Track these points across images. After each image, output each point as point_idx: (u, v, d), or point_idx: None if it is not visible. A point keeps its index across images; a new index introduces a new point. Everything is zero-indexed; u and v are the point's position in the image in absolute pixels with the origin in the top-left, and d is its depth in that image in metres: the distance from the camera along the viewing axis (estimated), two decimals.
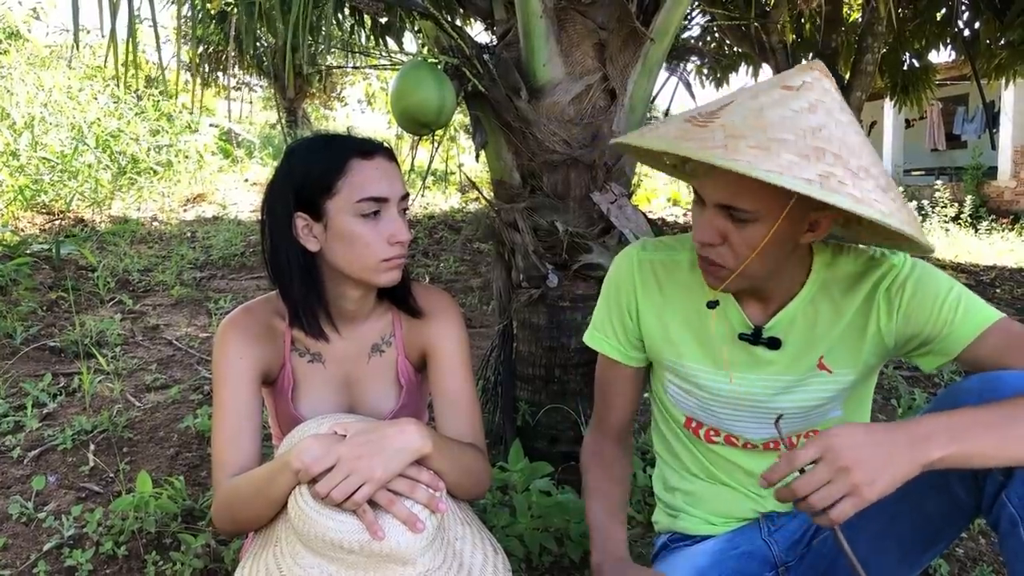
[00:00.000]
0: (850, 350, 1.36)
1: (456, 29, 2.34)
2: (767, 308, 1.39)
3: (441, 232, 7.73)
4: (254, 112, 23.32)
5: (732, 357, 1.41)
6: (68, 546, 2.00)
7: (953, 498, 1.18)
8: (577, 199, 2.34)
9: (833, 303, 1.36)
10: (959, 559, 2.04)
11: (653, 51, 2.30)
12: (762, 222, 1.18)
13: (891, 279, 1.31)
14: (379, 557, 1.15)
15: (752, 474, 1.50)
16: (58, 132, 8.20)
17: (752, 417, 1.44)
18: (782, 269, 1.32)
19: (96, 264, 5.21)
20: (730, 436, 1.48)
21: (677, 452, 1.59)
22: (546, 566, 1.94)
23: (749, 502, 1.52)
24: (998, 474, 1.10)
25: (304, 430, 1.34)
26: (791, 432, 1.45)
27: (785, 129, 1.09)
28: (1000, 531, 1.12)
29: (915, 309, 1.28)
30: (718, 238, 1.23)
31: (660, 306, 1.47)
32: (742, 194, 1.16)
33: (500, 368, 2.64)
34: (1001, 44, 6.27)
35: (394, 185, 1.38)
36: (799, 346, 1.38)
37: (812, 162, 1.06)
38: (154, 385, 3.26)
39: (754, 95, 1.16)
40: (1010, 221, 12.27)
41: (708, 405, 1.46)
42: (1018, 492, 1.08)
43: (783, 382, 1.39)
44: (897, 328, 1.31)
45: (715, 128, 1.12)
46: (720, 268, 1.26)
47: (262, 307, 1.51)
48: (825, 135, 1.10)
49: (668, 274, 1.47)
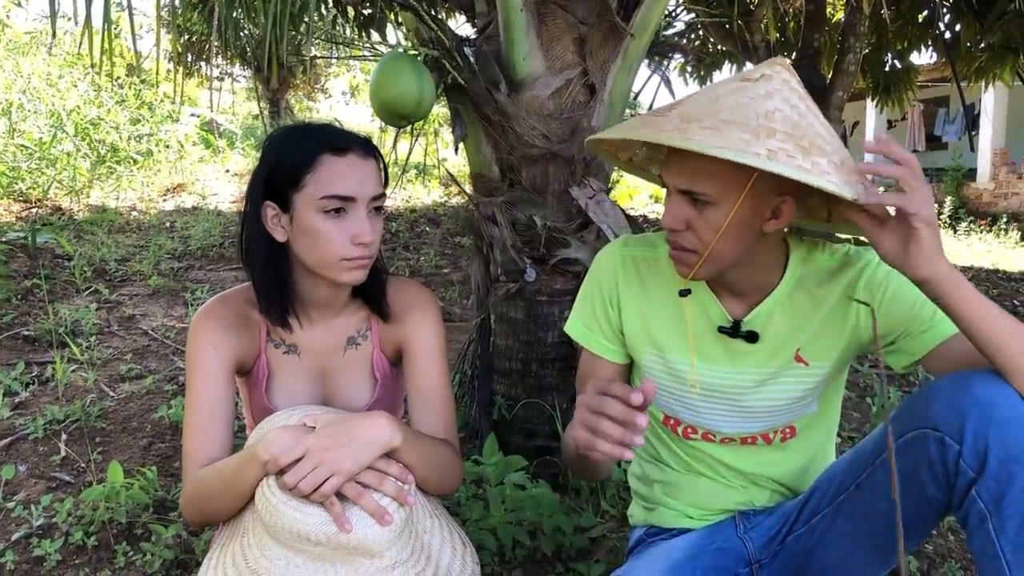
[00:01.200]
0: (827, 343, 1.38)
1: (436, 21, 2.33)
2: (745, 303, 1.41)
3: (422, 226, 7.71)
4: (237, 103, 23.17)
5: (711, 350, 1.43)
6: (37, 536, 1.98)
7: (924, 494, 1.19)
8: (556, 194, 2.34)
9: (810, 296, 1.38)
10: (928, 555, 2.06)
11: (633, 47, 2.30)
12: (721, 205, 1.22)
13: (869, 274, 1.33)
14: (346, 549, 1.14)
15: (731, 466, 1.51)
16: (36, 119, 8.11)
17: (730, 411, 1.45)
18: (754, 260, 1.33)
19: (73, 253, 5.16)
20: (708, 433, 1.49)
21: (656, 448, 1.60)
22: (519, 559, 1.94)
23: (729, 493, 1.53)
24: (969, 470, 1.12)
25: (274, 421, 1.33)
26: (767, 428, 1.47)
27: (738, 113, 1.13)
28: (968, 526, 1.13)
29: (896, 306, 1.31)
30: (682, 224, 1.26)
31: (641, 300, 1.48)
32: (700, 178, 1.21)
33: (477, 362, 2.64)
34: (981, 47, 6.32)
35: (364, 184, 1.35)
36: (777, 339, 1.40)
37: (762, 139, 1.09)
38: (129, 375, 3.23)
39: (713, 88, 1.22)
40: (988, 223, 12.39)
41: (687, 399, 1.47)
42: (988, 488, 1.10)
43: (761, 375, 1.41)
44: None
45: (672, 116, 1.18)
46: (687, 254, 1.29)
47: (238, 297, 1.49)
48: (779, 117, 1.13)
49: (649, 269, 1.49)
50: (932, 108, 16.28)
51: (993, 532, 1.09)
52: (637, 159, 1.53)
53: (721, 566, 1.44)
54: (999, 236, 11.40)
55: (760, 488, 1.52)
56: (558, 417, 2.34)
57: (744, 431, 1.47)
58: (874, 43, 7.17)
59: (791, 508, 1.45)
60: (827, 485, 1.38)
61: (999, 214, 12.99)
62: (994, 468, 1.09)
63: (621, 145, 1.49)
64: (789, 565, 1.43)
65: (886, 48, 7.21)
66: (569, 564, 1.91)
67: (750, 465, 1.50)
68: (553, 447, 2.37)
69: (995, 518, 1.09)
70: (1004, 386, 1.12)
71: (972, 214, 13.25)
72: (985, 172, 14.16)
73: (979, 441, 1.10)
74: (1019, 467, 1.07)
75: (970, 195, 14.29)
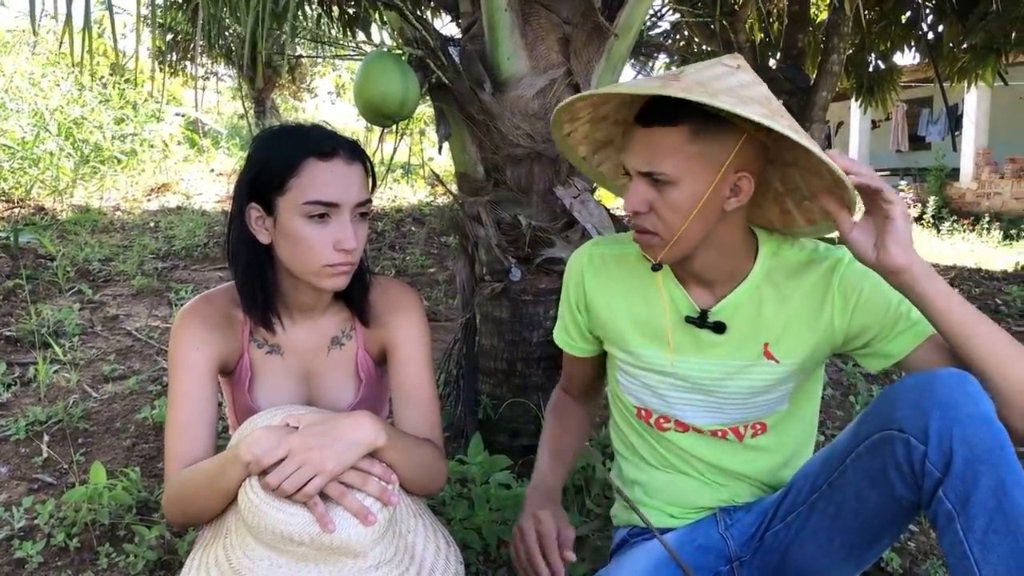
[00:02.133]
0: (797, 340, 1.39)
1: (421, 20, 2.33)
2: (714, 293, 1.43)
3: (408, 225, 7.70)
4: (222, 102, 23.06)
5: (680, 340, 1.45)
6: (19, 538, 1.97)
7: (894, 494, 1.20)
8: (540, 193, 2.34)
9: (778, 290, 1.39)
10: (911, 553, 2.07)
11: (617, 46, 2.30)
12: (683, 184, 1.26)
13: (841, 272, 1.35)
14: (330, 550, 1.14)
15: (707, 462, 1.52)
16: (19, 119, 8.05)
17: (700, 401, 1.47)
18: (719, 245, 1.36)
19: (56, 253, 5.13)
20: (679, 422, 1.51)
21: (634, 444, 1.62)
22: (504, 559, 1.94)
23: (707, 490, 1.54)
24: (935, 471, 1.12)
25: (257, 422, 1.33)
26: (736, 421, 1.48)
27: (716, 81, 1.21)
28: (938, 526, 1.14)
29: (870, 307, 1.33)
30: (644, 206, 1.29)
31: (610, 295, 1.52)
32: (659, 157, 1.25)
33: (463, 361, 2.64)
34: (964, 47, 6.36)
35: (349, 190, 1.34)
36: (744, 331, 1.41)
37: (749, 105, 1.16)
38: (112, 376, 3.22)
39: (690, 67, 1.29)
40: (971, 222, 12.48)
41: (658, 389, 1.49)
42: (954, 488, 1.10)
43: (729, 367, 1.43)
44: (850, 324, 1.35)
45: (651, 79, 1.32)
46: (651, 236, 1.32)
47: (222, 296, 1.49)
48: (752, 91, 1.22)
49: (618, 265, 1.53)
50: (915, 108, 16.38)
51: (961, 532, 1.09)
52: (599, 157, 1.57)
53: (702, 564, 1.45)
54: (982, 235, 11.49)
55: (740, 484, 1.53)
56: (543, 417, 2.34)
57: (713, 423, 1.49)
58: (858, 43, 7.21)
59: (769, 505, 1.46)
60: (803, 482, 1.39)
61: (982, 214, 13.09)
62: (959, 468, 1.10)
63: (587, 135, 1.52)
64: (768, 562, 1.44)
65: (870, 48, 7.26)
66: None
67: (726, 462, 1.52)
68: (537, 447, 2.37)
69: (962, 518, 1.09)
70: (967, 385, 1.14)
71: (955, 214, 13.34)
72: (968, 172, 14.26)
73: (943, 442, 1.11)
74: (984, 466, 1.08)
75: (953, 195, 14.38)
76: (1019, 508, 1.06)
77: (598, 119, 1.49)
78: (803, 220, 1.41)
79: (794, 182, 1.38)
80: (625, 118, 1.43)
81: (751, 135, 1.25)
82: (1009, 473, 1.08)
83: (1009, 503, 1.06)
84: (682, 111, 1.21)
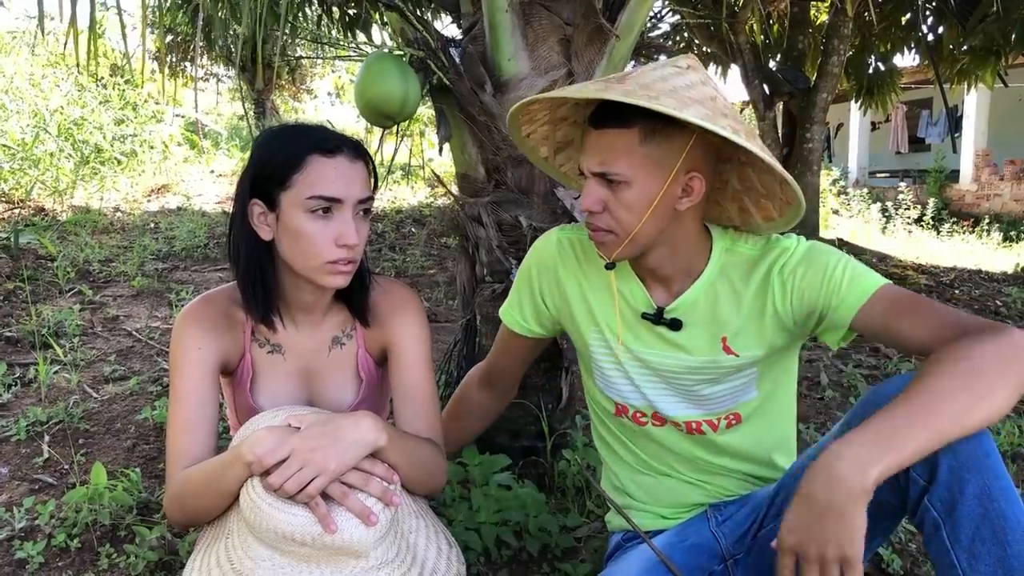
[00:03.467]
0: (753, 333, 1.41)
1: (422, 21, 2.33)
2: (671, 291, 1.45)
3: (408, 226, 7.70)
4: (222, 103, 23.08)
5: (643, 334, 1.48)
6: (19, 538, 1.97)
7: (877, 497, 1.20)
8: (541, 194, 2.34)
9: (732, 287, 1.41)
10: (911, 554, 2.07)
11: (618, 47, 2.30)
12: (636, 185, 1.28)
13: (783, 261, 1.37)
14: (332, 550, 1.14)
15: (688, 459, 1.54)
16: (19, 119, 8.05)
17: (672, 392, 1.49)
18: (673, 243, 1.39)
19: (56, 254, 5.12)
20: (657, 415, 1.52)
21: (616, 451, 1.64)
22: (505, 560, 1.94)
23: (693, 489, 1.55)
24: (920, 479, 1.12)
25: (259, 422, 1.33)
26: (710, 414, 1.49)
27: (661, 83, 1.24)
28: (924, 533, 1.14)
29: (807, 286, 1.34)
30: (599, 205, 1.32)
31: (581, 281, 1.55)
32: (612, 157, 1.27)
33: (463, 362, 2.64)
34: (964, 49, 6.38)
35: (351, 187, 1.35)
36: (700, 328, 1.43)
37: (677, 101, 1.20)
38: (112, 376, 3.21)
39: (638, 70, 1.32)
40: (971, 224, 12.49)
41: (632, 376, 1.51)
42: (940, 496, 1.10)
43: (691, 362, 1.45)
44: (793, 308, 1.36)
45: (597, 82, 1.32)
46: (606, 234, 1.34)
47: (223, 296, 1.49)
48: (696, 92, 1.25)
49: (584, 252, 1.55)
50: (915, 110, 16.40)
51: (948, 540, 1.09)
52: (560, 158, 1.61)
53: (695, 564, 1.45)
54: (981, 237, 11.50)
55: (724, 478, 1.55)
56: (544, 417, 2.34)
57: (687, 414, 1.50)
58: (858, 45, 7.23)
59: (761, 501, 1.47)
60: (792, 480, 1.39)
61: (981, 215, 13.11)
62: (945, 476, 1.09)
63: (546, 136, 1.56)
64: (761, 560, 1.44)
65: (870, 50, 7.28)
66: (555, 564, 1.91)
67: (705, 457, 1.53)
68: (539, 447, 2.37)
69: (948, 526, 1.09)
70: None
71: (955, 215, 13.37)
72: (968, 173, 14.28)
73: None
74: (969, 474, 1.08)
75: (953, 196, 14.40)
76: (1005, 516, 1.05)
77: (556, 120, 1.51)
78: (760, 217, 1.43)
79: (750, 180, 1.40)
80: (584, 119, 1.45)
81: (700, 136, 1.27)
82: (994, 480, 1.07)
83: (995, 511, 1.06)
84: (633, 113, 1.23)
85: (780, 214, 1.39)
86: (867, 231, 11.66)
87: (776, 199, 1.38)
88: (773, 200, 1.38)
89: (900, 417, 1.06)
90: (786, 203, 1.35)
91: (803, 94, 7.07)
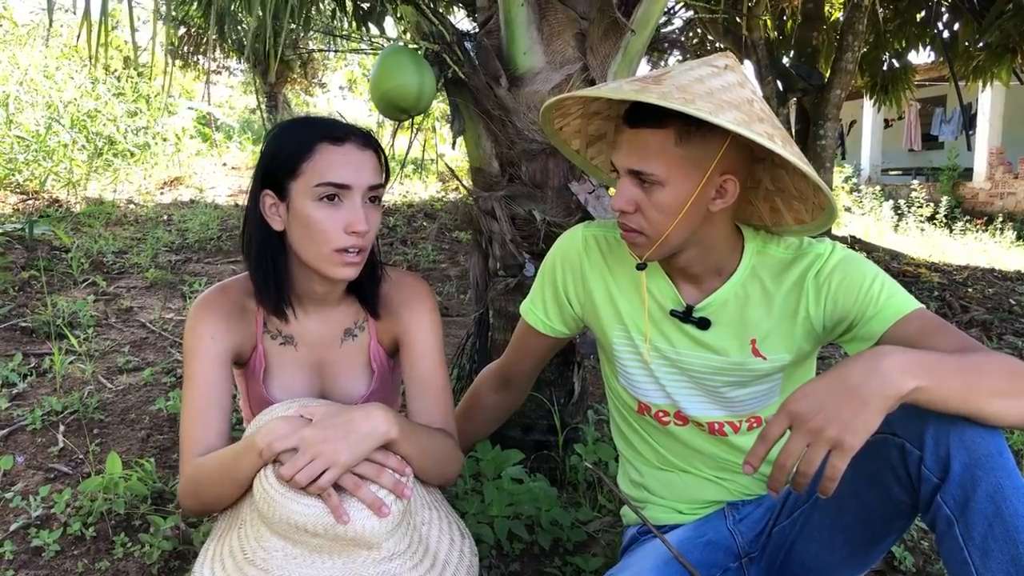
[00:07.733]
0: (782, 337, 1.40)
1: (437, 15, 2.33)
2: (701, 289, 1.44)
3: (420, 220, 7.71)
4: (234, 96, 23.13)
5: (671, 332, 1.47)
6: (35, 526, 1.98)
7: (891, 496, 1.20)
8: (555, 188, 2.34)
9: (763, 288, 1.40)
10: (923, 552, 2.06)
11: (633, 42, 2.30)
12: (669, 186, 1.27)
13: (819, 267, 1.36)
14: (344, 541, 1.15)
15: (708, 456, 1.53)
16: (33, 111, 8.09)
17: (696, 391, 1.49)
18: (705, 243, 1.37)
19: (70, 245, 5.15)
20: (680, 414, 1.51)
21: (636, 446, 1.64)
22: (517, 553, 1.94)
23: (712, 486, 1.55)
24: (933, 476, 1.12)
25: (272, 413, 1.34)
26: (735, 416, 1.49)
27: (698, 85, 1.22)
28: (937, 531, 1.14)
29: (843, 294, 1.33)
30: (631, 205, 1.30)
31: (608, 280, 1.54)
32: (647, 157, 1.26)
33: (476, 356, 2.64)
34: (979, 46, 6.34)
35: (360, 174, 1.35)
36: (730, 329, 1.42)
37: (713, 105, 1.17)
38: (126, 367, 3.23)
39: (671, 69, 1.29)
40: (984, 222, 12.43)
41: (658, 376, 1.50)
42: (952, 494, 1.10)
43: (718, 362, 1.44)
44: (826, 313, 1.36)
45: (633, 81, 1.27)
46: (637, 235, 1.33)
47: (236, 287, 1.50)
48: (732, 95, 1.22)
49: (610, 248, 1.54)
50: (929, 107, 16.31)
51: (960, 538, 1.09)
52: (592, 151, 1.60)
53: (711, 561, 1.45)
54: (995, 235, 11.44)
55: (744, 477, 1.54)
56: (556, 412, 2.35)
57: (711, 416, 1.49)
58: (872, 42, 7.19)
59: (778, 500, 1.47)
60: None
61: (995, 213, 13.04)
62: (958, 473, 1.09)
63: (579, 129, 1.55)
64: (775, 558, 1.45)
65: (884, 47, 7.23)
66: (567, 558, 1.91)
67: (726, 457, 1.53)
68: (551, 442, 2.37)
69: (961, 524, 1.09)
70: None
71: (968, 213, 13.29)
72: (981, 171, 14.19)
73: (940, 447, 1.11)
74: (982, 471, 1.08)
75: (966, 194, 14.32)
76: (1018, 514, 1.05)
77: (589, 114, 1.50)
78: (792, 219, 1.42)
79: (783, 182, 1.39)
80: (617, 114, 1.44)
81: (735, 138, 1.25)
82: (1007, 478, 1.07)
83: (1008, 509, 1.06)
84: (669, 114, 1.21)
85: (812, 217, 1.38)
86: (879, 228, 11.61)
87: (808, 203, 1.36)
88: (805, 203, 1.37)
89: (950, 364, 1.09)
90: (819, 208, 1.34)
91: (816, 91, 7.04)
